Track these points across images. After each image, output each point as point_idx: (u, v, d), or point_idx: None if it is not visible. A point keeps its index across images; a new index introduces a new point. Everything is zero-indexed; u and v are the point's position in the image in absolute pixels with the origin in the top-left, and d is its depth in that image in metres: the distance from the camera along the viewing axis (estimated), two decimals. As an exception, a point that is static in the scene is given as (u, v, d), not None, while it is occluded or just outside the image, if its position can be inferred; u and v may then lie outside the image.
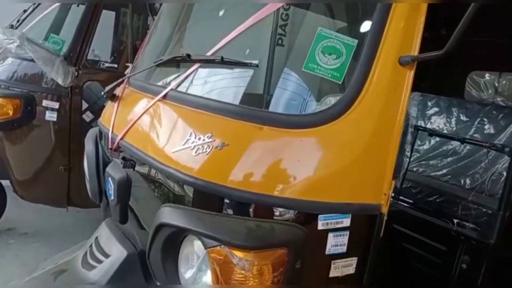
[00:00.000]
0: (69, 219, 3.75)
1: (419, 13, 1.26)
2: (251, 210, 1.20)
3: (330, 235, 1.24)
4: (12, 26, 3.54)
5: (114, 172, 1.57)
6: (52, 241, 3.37)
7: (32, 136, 3.20)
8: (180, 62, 1.47)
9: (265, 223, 1.17)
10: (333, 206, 1.22)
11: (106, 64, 3.49)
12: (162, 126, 1.45)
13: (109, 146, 1.65)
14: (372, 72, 1.22)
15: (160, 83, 1.62)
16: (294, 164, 1.20)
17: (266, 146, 1.22)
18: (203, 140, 1.25)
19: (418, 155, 3.22)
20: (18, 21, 3.58)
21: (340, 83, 1.26)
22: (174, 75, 1.54)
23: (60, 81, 3.02)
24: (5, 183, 3.37)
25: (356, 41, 1.25)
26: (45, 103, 3.12)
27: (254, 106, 1.30)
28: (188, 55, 1.40)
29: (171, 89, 1.46)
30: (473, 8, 1.05)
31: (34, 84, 3.12)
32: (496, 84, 3.37)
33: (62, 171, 3.27)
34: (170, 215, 1.25)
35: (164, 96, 1.47)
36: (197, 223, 1.18)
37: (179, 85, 1.45)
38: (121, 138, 1.58)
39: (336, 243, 1.25)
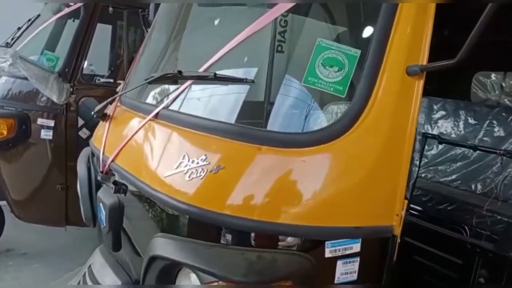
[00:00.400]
0: (69, 238, 3.66)
1: (426, 16, 1.16)
2: (251, 239, 1.10)
3: (339, 262, 1.13)
4: (7, 44, 3.50)
5: (105, 197, 1.47)
6: (52, 261, 3.30)
7: (27, 155, 3.14)
8: (171, 79, 1.38)
9: (267, 254, 1.07)
10: (341, 231, 1.12)
11: (102, 80, 3.41)
12: (154, 148, 1.36)
13: (100, 169, 1.55)
14: (378, 84, 1.12)
15: (152, 101, 1.53)
16: (297, 187, 1.10)
17: (265, 168, 1.12)
18: (197, 163, 1.16)
19: (426, 160, 3.12)
20: (12, 38, 3.53)
21: (343, 96, 1.16)
22: (166, 93, 1.45)
23: (54, 98, 2.96)
24: (3, 203, 3.30)
25: (359, 51, 1.16)
26: (40, 121, 3.06)
27: (251, 125, 1.20)
28: (180, 72, 1.31)
29: (163, 108, 1.37)
30: (490, 8, 0.94)
31: (29, 103, 3.07)
32: (504, 84, 3.28)
33: (59, 190, 3.20)
34: (163, 247, 1.15)
35: (156, 116, 1.38)
36: (192, 256, 1.08)
37: (171, 103, 1.36)
38: (112, 161, 1.49)
39: (345, 271, 1.15)
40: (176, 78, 1.33)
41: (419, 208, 2.40)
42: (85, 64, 3.27)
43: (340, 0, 1.43)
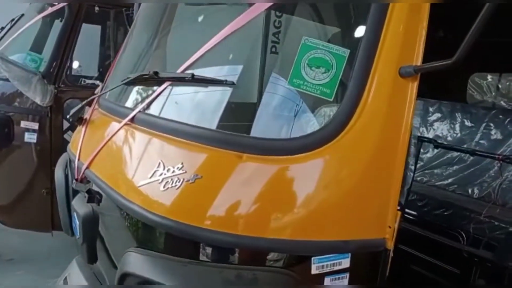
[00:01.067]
0: (57, 243, 3.55)
1: (420, 15, 1.08)
2: (230, 255, 1.01)
3: (327, 279, 1.05)
4: (-9, 45, 3.39)
5: (79, 207, 1.38)
6: (39, 266, 3.20)
7: (11, 159, 3.05)
8: (148, 80, 1.28)
9: (247, 272, 0.98)
10: (329, 246, 1.03)
11: (88, 81, 3.31)
12: (129, 155, 1.26)
13: (75, 176, 1.46)
14: (368, 86, 1.03)
15: (129, 105, 1.43)
16: (281, 199, 1.01)
17: (246, 178, 1.03)
18: (173, 171, 1.06)
19: (422, 163, 3.06)
20: (-4, 39, 3.42)
21: (331, 100, 1.07)
22: (144, 96, 1.36)
23: (38, 100, 2.85)
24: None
25: (347, 51, 1.07)
26: (23, 124, 2.96)
27: (232, 130, 1.11)
28: (156, 73, 1.21)
29: (139, 112, 1.27)
30: (488, 8, 0.86)
31: (12, 105, 2.97)
32: (500, 86, 3.22)
33: (44, 195, 3.10)
34: (136, 263, 1.06)
35: (132, 120, 1.29)
36: (166, 275, 0.99)
37: (147, 107, 1.26)
38: (87, 168, 1.39)
39: (334, 288, 1.06)
40: (152, 79, 1.24)
41: (414, 213, 2.33)
42: (71, 65, 3.16)
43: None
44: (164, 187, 1.05)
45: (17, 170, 3.05)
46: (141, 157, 1.20)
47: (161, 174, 1.08)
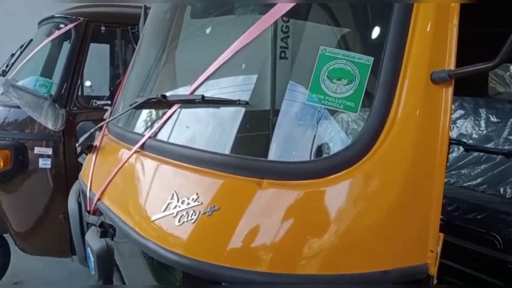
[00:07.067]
0: (77, 266, 3.53)
1: (449, 12, 0.97)
2: (257, 294, 0.91)
3: None
4: (3, 72, 3.42)
5: (93, 241, 1.30)
6: (61, 291, 3.17)
7: (27, 186, 3.03)
8: (156, 104, 1.20)
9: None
10: (367, 278, 0.92)
11: (99, 102, 3.28)
12: (141, 186, 1.18)
13: (87, 208, 1.39)
14: (398, 96, 0.92)
15: (139, 130, 1.36)
16: (309, 229, 0.91)
17: (267, 207, 0.93)
18: (188, 203, 0.97)
19: (448, 163, 2.90)
20: (7, 66, 3.44)
21: (357, 114, 0.97)
22: (154, 120, 1.28)
23: (50, 125, 2.83)
24: (6, 235, 3.20)
25: (371, 58, 0.96)
26: (37, 150, 2.94)
27: (249, 154, 1.01)
28: (164, 96, 1.13)
29: (149, 138, 1.19)
30: None
31: (24, 131, 2.95)
32: (524, 77, 3.05)
33: (62, 220, 3.07)
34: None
35: (142, 147, 1.21)
36: None
37: (157, 132, 1.18)
38: (99, 199, 1.32)
39: (374, 323, 0.94)
40: (160, 103, 1.16)
41: (444, 218, 2.18)
42: (81, 86, 3.14)
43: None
44: (179, 221, 0.97)
45: (34, 197, 3.03)
46: (153, 187, 1.12)
47: (175, 207, 0.99)
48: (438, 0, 0.95)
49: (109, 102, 3.44)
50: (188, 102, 1.12)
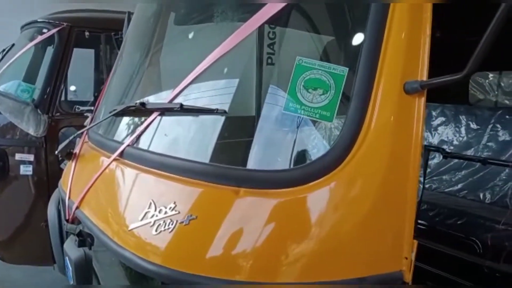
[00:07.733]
0: (59, 274, 3.47)
1: (422, 22, 0.99)
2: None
3: None
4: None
5: (71, 250, 1.28)
6: (42, 301, 3.11)
7: (7, 193, 2.96)
8: (135, 112, 1.20)
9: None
10: (342, 286, 0.93)
11: (82, 108, 3.24)
12: (119, 194, 1.17)
13: (66, 216, 1.37)
14: (371, 107, 0.94)
15: (118, 138, 1.35)
16: (285, 237, 0.91)
17: (244, 216, 0.93)
18: (165, 212, 0.97)
19: (429, 170, 2.95)
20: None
21: (332, 123, 0.98)
22: (132, 128, 1.28)
23: (31, 131, 2.78)
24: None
25: (345, 69, 0.98)
26: (18, 156, 2.88)
27: (227, 162, 1.02)
28: (142, 104, 1.13)
29: (128, 146, 1.19)
30: (504, 9, 0.76)
31: (5, 137, 2.89)
32: (502, 84, 3.13)
33: (43, 228, 3.00)
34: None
35: (121, 155, 1.20)
36: None
37: (136, 140, 1.18)
38: (77, 208, 1.30)
39: (349, 330, 0.95)
40: (139, 111, 1.15)
41: (426, 224, 2.22)
42: (64, 92, 3.10)
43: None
44: (156, 230, 0.96)
45: (15, 204, 2.96)
46: (131, 196, 1.11)
47: (152, 216, 0.98)
48: (412, 0, 0.97)
49: (92, 108, 3.40)
50: (166, 110, 1.12)
